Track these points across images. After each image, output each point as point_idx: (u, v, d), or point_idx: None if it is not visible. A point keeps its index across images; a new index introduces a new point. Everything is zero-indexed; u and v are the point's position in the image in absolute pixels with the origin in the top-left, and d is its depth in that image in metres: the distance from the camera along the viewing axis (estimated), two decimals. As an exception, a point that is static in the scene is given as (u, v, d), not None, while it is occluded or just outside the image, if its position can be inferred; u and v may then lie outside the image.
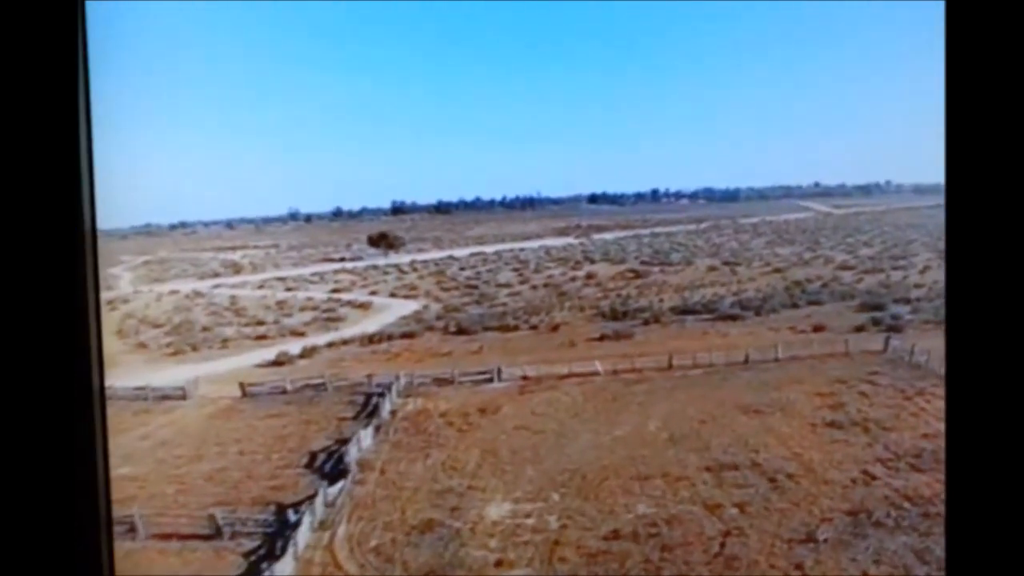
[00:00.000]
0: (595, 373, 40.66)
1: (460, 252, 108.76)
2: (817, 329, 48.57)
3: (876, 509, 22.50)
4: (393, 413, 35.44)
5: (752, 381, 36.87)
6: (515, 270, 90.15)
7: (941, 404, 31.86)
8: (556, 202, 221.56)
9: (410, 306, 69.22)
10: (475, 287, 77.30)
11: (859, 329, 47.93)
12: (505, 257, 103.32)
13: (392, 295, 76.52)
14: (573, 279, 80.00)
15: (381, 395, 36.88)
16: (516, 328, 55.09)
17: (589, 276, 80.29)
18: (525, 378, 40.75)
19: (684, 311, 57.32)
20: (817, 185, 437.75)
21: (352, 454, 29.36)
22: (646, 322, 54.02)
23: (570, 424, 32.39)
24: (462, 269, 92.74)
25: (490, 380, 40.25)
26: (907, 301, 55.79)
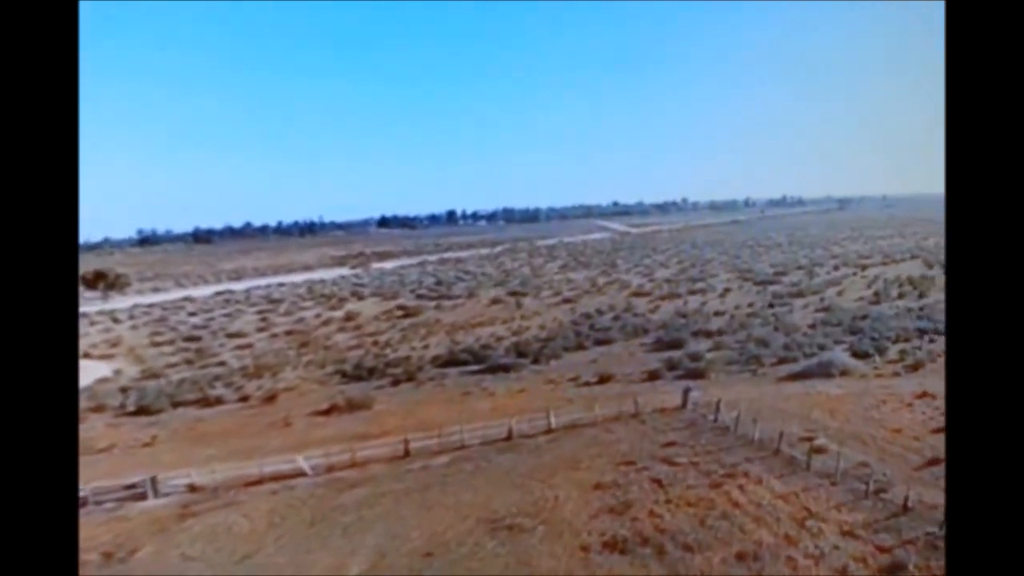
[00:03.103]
0: (300, 474, 28.77)
1: (202, 291, 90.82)
2: (603, 379, 39.56)
3: None
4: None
5: (513, 470, 26.84)
6: (260, 312, 74.69)
7: (759, 492, 22.81)
8: (342, 227, 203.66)
9: (97, 371, 52.07)
10: (197, 339, 61.40)
11: (652, 376, 39.64)
12: (255, 296, 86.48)
13: (85, 355, 57.94)
14: (328, 322, 66.64)
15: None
16: (219, 401, 40.76)
17: (348, 317, 67.09)
18: (194, 489, 27.73)
19: (449, 362, 46.33)
20: (616, 204, 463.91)
21: None
22: (396, 381, 42.23)
23: (229, 578, 20.14)
24: (192, 315, 75.30)
25: (143, 496, 27.17)
26: (707, 334, 49.21)
